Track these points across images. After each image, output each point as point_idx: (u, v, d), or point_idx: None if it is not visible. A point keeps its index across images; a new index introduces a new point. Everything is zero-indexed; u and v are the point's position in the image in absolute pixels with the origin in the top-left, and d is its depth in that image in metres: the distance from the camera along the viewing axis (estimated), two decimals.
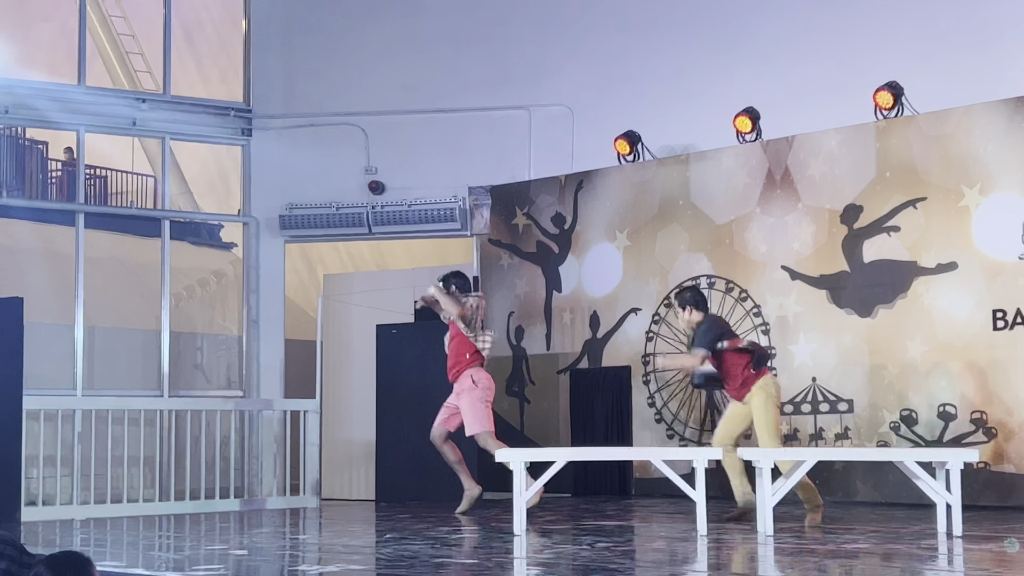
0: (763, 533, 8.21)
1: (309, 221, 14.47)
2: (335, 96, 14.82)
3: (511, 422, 13.38)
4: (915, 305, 10.98)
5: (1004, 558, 7.04)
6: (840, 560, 6.88)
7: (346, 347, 14.55)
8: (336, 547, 8.33)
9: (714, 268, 12.28)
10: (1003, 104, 10.59)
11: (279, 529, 9.75)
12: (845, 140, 11.51)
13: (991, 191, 10.62)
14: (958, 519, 8.09)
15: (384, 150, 14.62)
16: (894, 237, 11.13)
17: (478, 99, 14.36)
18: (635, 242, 12.85)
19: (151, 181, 15.91)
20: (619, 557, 7.25)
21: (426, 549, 7.70)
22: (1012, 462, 10.33)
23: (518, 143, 14.15)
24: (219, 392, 14.76)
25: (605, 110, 13.51)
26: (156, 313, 14.38)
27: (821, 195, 11.61)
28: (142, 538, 9.09)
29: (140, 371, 14.57)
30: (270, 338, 14.70)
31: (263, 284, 14.79)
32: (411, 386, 12.55)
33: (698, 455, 8.63)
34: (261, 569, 7.11)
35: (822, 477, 11.11)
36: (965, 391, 10.60)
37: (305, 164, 14.74)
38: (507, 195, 13.85)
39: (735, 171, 12.20)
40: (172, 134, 14.77)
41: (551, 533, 8.65)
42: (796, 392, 11.63)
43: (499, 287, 13.83)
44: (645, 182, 12.84)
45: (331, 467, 14.20)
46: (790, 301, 11.73)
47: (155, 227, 14.65)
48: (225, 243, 16.07)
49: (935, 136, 10.96)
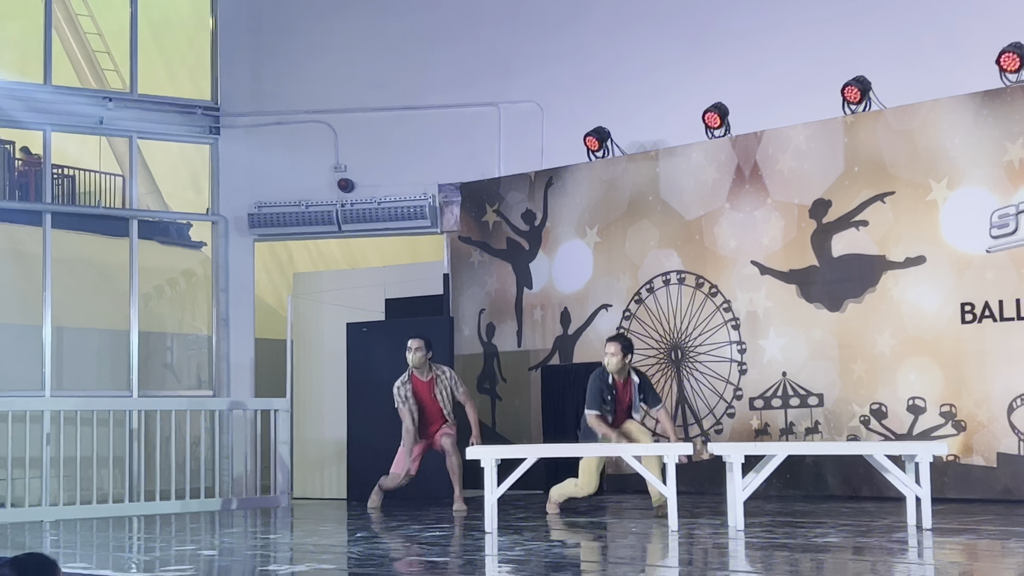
0: (734, 528, 8.23)
1: (278, 219, 14.42)
2: (303, 94, 14.77)
3: (483, 419, 13.36)
4: (884, 299, 11.03)
5: (974, 550, 7.07)
6: (811, 554, 6.89)
7: (316, 346, 14.50)
8: (307, 546, 8.31)
9: (684, 264, 12.30)
10: (970, 98, 10.64)
11: (250, 529, 9.71)
12: (813, 135, 11.54)
13: (958, 185, 10.67)
14: (928, 512, 8.12)
15: (353, 148, 14.58)
16: (863, 231, 11.17)
17: (447, 96, 14.33)
18: (605, 238, 12.86)
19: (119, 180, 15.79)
20: (590, 553, 7.25)
21: (397, 548, 7.68)
22: (981, 455, 10.38)
23: (488, 140, 14.14)
24: (189, 392, 14.69)
25: (575, 107, 13.52)
26: (125, 313, 14.30)
27: (790, 190, 11.64)
28: (112, 539, 9.03)
29: (109, 371, 14.48)
30: (240, 337, 14.64)
31: (232, 283, 14.74)
32: (382, 384, 12.50)
33: (669, 451, 8.64)
34: (232, 569, 7.08)
35: (793, 471, 11.15)
36: (934, 385, 10.64)
37: (274, 162, 14.70)
38: (477, 192, 13.84)
39: (704, 167, 12.22)
40: (140, 133, 14.69)
41: (522, 530, 8.65)
42: (766, 387, 11.67)
43: (469, 284, 13.81)
44: (615, 178, 12.85)
45: (302, 466, 14.16)
46: (760, 296, 11.76)
47: (123, 226, 14.57)
48: (194, 242, 15.98)
49: (903, 130, 11.00)
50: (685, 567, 6.71)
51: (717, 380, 12.02)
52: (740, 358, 11.87)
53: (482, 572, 6.56)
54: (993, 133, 10.46)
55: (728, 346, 11.97)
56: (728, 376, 11.94)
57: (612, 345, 9.93)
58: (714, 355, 12.03)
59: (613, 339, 10.03)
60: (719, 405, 11.97)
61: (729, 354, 11.95)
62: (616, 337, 10.11)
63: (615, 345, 9.92)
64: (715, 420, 11.94)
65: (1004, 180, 10.40)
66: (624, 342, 10.00)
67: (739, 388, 11.86)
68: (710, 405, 12.01)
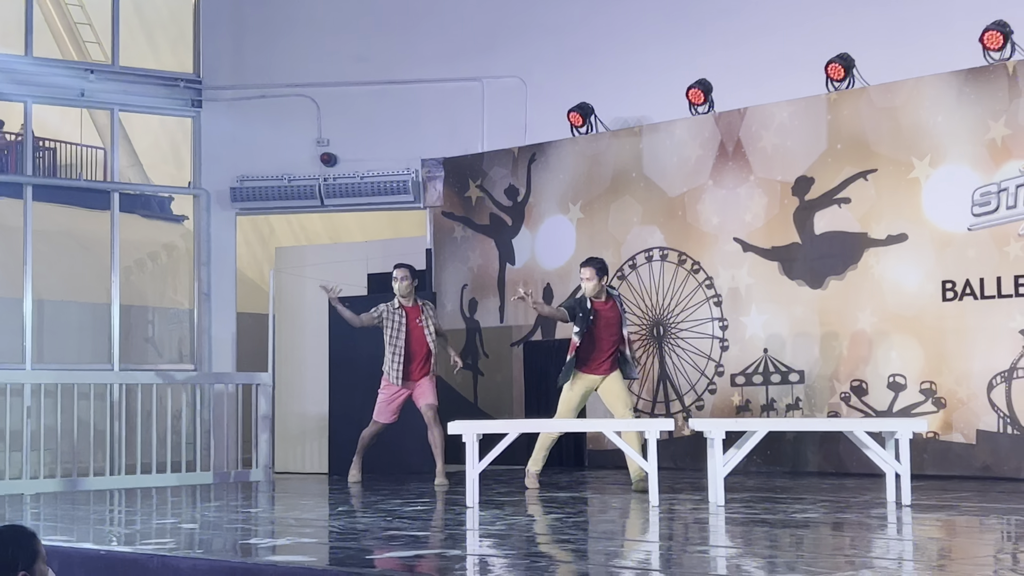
0: (714, 503, 8.26)
1: (261, 193, 14.38)
2: (286, 67, 14.71)
3: (464, 395, 13.39)
4: (865, 276, 11.05)
5: (953, 526, 7.11)
6: (791, 529, 6.92)
7: (299, 320, 14.48)
8: (288, 520, 8.31)
9: (667, 240, 12.30)
10: (953, 76, 10.65)
11: (231, 503, 9.71)
12: (796, 112, 11.54)
13: (941, 163, 10.68)
14: (907, 488, 8.17)
15: (336, 122, 14.53)
16: (845, 209, 11.19)
17: (431, 71, 14.29)
18: (588, 214, 12.86)
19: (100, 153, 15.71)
20: (571, 528, 7.27)
21: (378, 522, 7.69)
22: (961, 432, 10.43)
23: (471, 115, 14.11)
24: (171, 366, 14.66)
25: (558, 82, 13.49)
26: (106, 286, 14.26)
27: (773, 167, 11.65)
28: (92, 513, 9.02)
29: (90, 345, 14.44)
30: (222, 311, 14.61)
31: (214, 257, 14.70)
32: (364, 359, 12.49)
33: (650, 427, 8.66)
34: (212, 542, 7.08)
35: (773, 448, 11.19)
36: (915, 362, 10.68)
37: (256, 136, 14.64)
38: (460, 167, 13.81)
39: (688, 143, 12.21)
40: (121, 105, 14.62)
41: (504, 505, 8.66)
42: (748, 363, 11.70)
43: (452, 259, 13.80)
44: (598, 154, 12.84)
45: (284, 441, 14.15)
46: (742, 273, 11.77)
47: (104, 199, 14.51)
48: (176, 216, 15.92)
49: (886, 108, 11.01)
50: (665, 542, 6.74)
51: (699, 356, 12.04)
52: (722, 335, 11.89)
53: (463, 546, 6.58)
54: (976, 111, 10.48)
55: (710, 323, 11.99)
56: (710, 352, 11.96)
57: (587, 270, 9.87)
58: (696, 332, 12.05)
59: (586, 263, 9.96)
60: (700, 381, 12.00)
61: (711, 331, 11.98)
62: (589, 261, 10.03)
63: (589, 269, 9.87)
64: (696, 396, 11.97)
65: (986, 158, 10.42)
66: (598, 265, 9.94)
67: (720, 364, 11.88)
68: (691, 381, 12.03)
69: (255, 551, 6.57)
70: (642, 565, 5.82)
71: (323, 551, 6.47)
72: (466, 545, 6.64)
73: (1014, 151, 10.27)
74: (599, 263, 9.99)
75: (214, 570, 5.87)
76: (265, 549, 6.61)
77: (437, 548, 6.40)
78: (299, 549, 6.39)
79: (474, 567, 5.80)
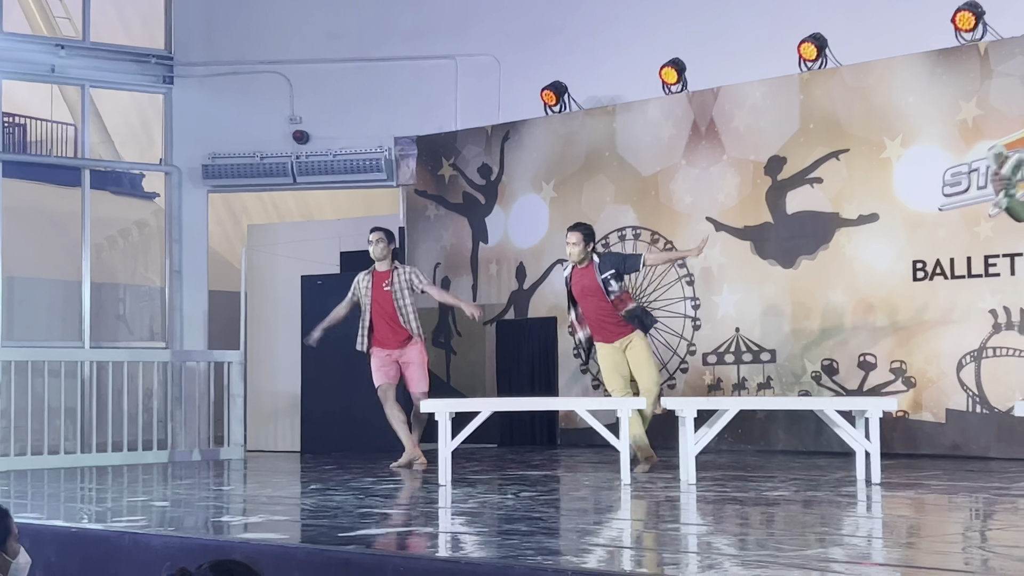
0: (686, 481, 8.29)
1: (232, 171, 14.32)
2: (258, 44, 14.63)
3: (437, 373, 13.37)
4: (837, 256, 11.09)
5: (921, 504, 7.16)
6: (761, 507, 6.96)
7: (271, 298, 14.45)
8: (260, 498, 8.31)
9: (640, 219, 12.32)
10: (925, 56, 10.69)
11: (203, 481, 9.70)
12: (769, 92, 11.56)
13: (912, 143, 10.73)
14: (877, 466, 8.21)
15: (309, 99, 14.47)
16: (817, 188, 11.22)
17: (404, 48, 14.23)
18: (561, 193, 12.86)
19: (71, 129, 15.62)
20: (543, 506, 7.29)
21: (350, 499, 7.69)
22: (930, 411, 10.50)
23: (444, 93, 14.07)
24: (142, 343, 14.61)
25: (532, 61, 13.46)
26: (77, 263, 14.18)
27: (745, 147, 11.67)
28: (63, 490, 9.00)
29: (60, 322, 14.37)
30: (193, 289, 14.56)
31: (186, 234, 14.63)
32: (337, 337, 12.46)
33: (622, 405, 8.68)
34: (184, 520, 7.07)
35: (744, 426, 11.24)
36: (885, 341, 10.74)
37: (228, 113, 14.57)
38: (433, 145, 13.78)
39: (661, 122, 12.22)
40: (92, 81, 14.51)
41: (476, 483, 8.68)
42: (720, 342, 11.74)
43: (425, 238, 13.78)
44: (571, 133, 12.83)
45: (256, 419, 14.13)
46: (714, 252, 11.80)
47: (75, 176, 14.42)
48: (147, 193, 15.84)
49: (858, 88, 11.04)
50: (637, 520, 6.76)
51: (671, 335, 12.07)
52: (694, 314, 11.93)
53: (436, 524, 6.59)
54: (947, 92, 10.52)
55: (682, 302, 12.02)
56: (682, 332, 12.00)
57: (573, 235, 9.47)
58: (668, 311, 12.08)
59: (573, 228, 9.58)
60: (672, 360, 12.03)
61: (683, 310, 12.01)
62: (577, 226, 9.64)
63: (576, 234, 9.46)
64: (668, 375, 12.00)
65: (957, 139, 10.47)
66: (586, 230, 9.56)
67: (692, 343, 11.92)
68: (663, 360, 12.06)
69: (227, 528, 6.57)
70: (614, 542, 5.85)
71: (295, 529, 6.47)
72: (439, 523, 6.65)
73: (985, 132, 10.32)
74: (586, 228, 9.58)
75: (186, 548, 5.86)
76: (237, 527, 6.61)
77: (410, 526, 6.41)
78: (271, 527, 6.39)
79: (446, 544, 5.81)
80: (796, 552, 5.10)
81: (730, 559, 5.06)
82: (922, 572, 4.78)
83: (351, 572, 5.24)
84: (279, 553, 5.56)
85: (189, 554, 5.66)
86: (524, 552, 5.16)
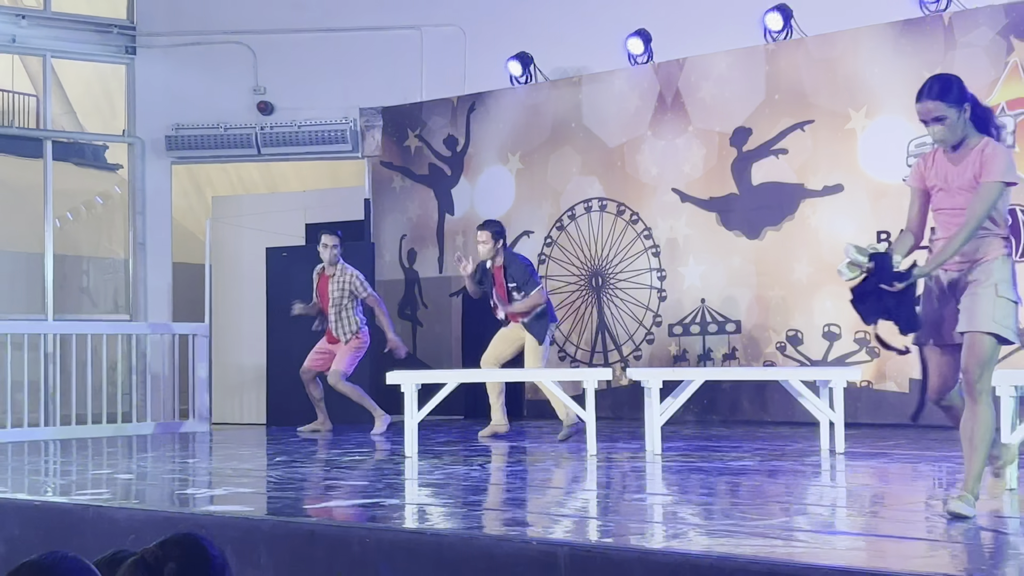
0: (651, 452, 8.32)
1: (196, 142, 14.21)
2: (222, 14, 14.50)
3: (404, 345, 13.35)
4: (802, 227, 11.13)
5: (885, 473, 7.21)
6: (726, 477, 6.99)
7: (235, 270, 14.38)
8: (225, 470, 8.28)
9: (605, 191, 12.31)
10: (889, 27, 10.71)
11: (167, 453, 9.66)
12: (735, 62, 11.56)
13: (877, 114, 10.76)
14: (841, 436, 8.27)
15: (273, 70, 14.36)
16: (782, 160, 11.25)
17: (369, 18, 14.14)
18: (527, 165, 12.84)
19: (32, 100, 15.46)
20: (509, 477, 7.30)
21: (316, 472, 7.68)
22: (894, 381, 10.57)
23: (410, 64, 14.00)
24: (106, 316, 14.52)
25: (497, 31, 13.40)
26: (39, 236, 14.06)
27: (711, 118, 11.67)
28: (27, 463, 8.94)
29: (24, 295, 14.26)
30: (157, 261, 14.46)
31: (149, 206, 14.52)
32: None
33: (588, 376, 8.69)
34: (149, 493, 7.04)
35: (710, 397, 11.29)
36: (849, 312, 10.70)
37: (192, 84, 14.44)
38: (399, 116, 13.73)
39: (627, 93, 12.21)
40: (53, 52, 14.36)
41: (442, 455, 8.69)
42: (685, 313, 11.77)
43: (391, 210, 13.74)
44: (537, 104, 12.80)
45: (221, 391, 14.09)
46: (680, 224, 11.82)
47: (37, 147, 14.28)
48: (110, 164, 15.71)
49: (823, 59, 11.05)
50: (603, 490, 6.78)
51: (637, 307, 12.10)
52: (660, 285, 11.95)
53: (402, 496, 6.59)
54: (912, 63, 10.54)
55: (648, 273, 12.04)
56: (648, 303, 12.02)
57: (483, 233, 9.94)
58: (634, 282, 12.10)
59: (483, 226, 10.02)
60: (638, 331, 12.06)
61: (649, 281, 12.03)
62: (486, 224, 10.09)
63: (485, 233, 9.93)
64: (634, 346, 12.03)
65: None
66: (494, 228, 9.98)
67: (658, 315, 11.95)
68: (629, 331, 12.09)
69: (192, 501, 6.55)
70: (580, 512, 5.86)
71: (261, 501, 6.46)
72: (404, 494, 6.65)
73: None
74: (495, 226, 10.02)
75: (150, 520, 5.84)
76: (202, 499, 6.59)
77: (376, 497, 6.41)
78: (236, 499, 6.38)
79: (413, 516, 5.82)
80: (761, 521, 5.13)
81: (695, 529, 5.09)
82: (885, 540, 4.81)
83: (316, 544, 5.23)
84: (244, 526, 5.55)
85: (154, 527, 5.64)
86: (489, 523, 5.17)
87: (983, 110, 5.39)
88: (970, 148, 5.29)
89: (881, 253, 5.20)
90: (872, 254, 5.16)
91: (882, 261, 5.15)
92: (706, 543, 4.66)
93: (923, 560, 4.34)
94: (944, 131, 5.30)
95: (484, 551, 4.74)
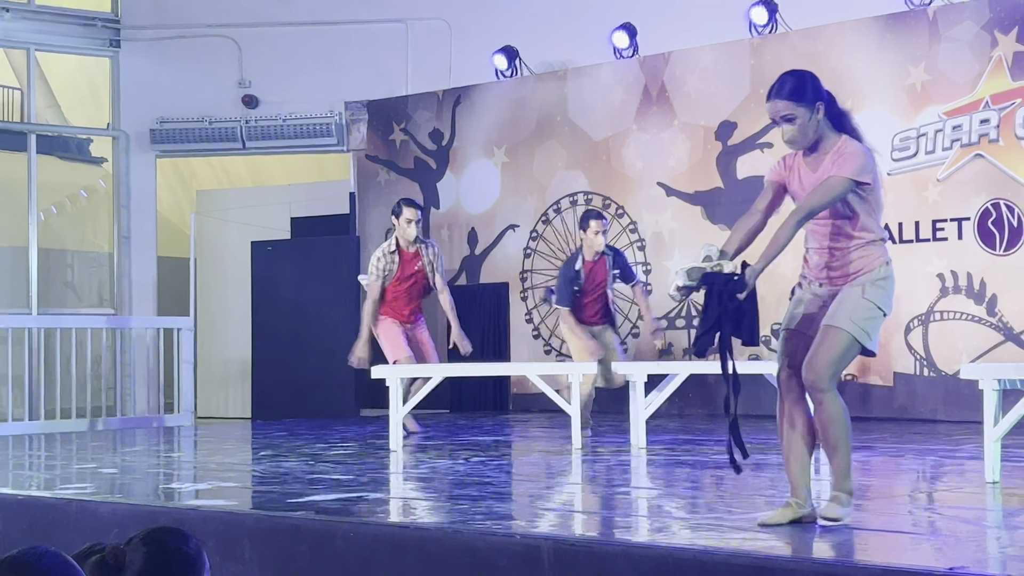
0: (636, 445, 8.32)
1: (181, 136, 14.18)
2: (206, 7, 14.46)
3: None
4: None
5: (870, 466, 7.23)
6: (711, 471, 7.00)
7: (221, 264, 14.36)
8: (210, 465, 8.27)
9: (591, 185, 12.31)
10: (874, 21, 10.72)
11: (152, 448, 9.64)
12: (720, 56, 11.56)
13: (861, 108, 10.74)
14: None
15: (258, 63, 14.33)
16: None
17: (354, 11, 14.12)
18: (513, 158, 12.83)
19: (16, 93, 15.40)
20: (494, 471, 7.30)
21: (301, 466, 7.68)
22: (878, 374, 10.59)
23: (395, 57, 13.98)
24: (91, 310, 14.48)
25: (483, 24, 13.39)
26: (24, 230, 14.01)
27: (696, 112, 11.68)
28: (11, 458, 8.92)
29: (8, 289, 14.22)
30: (142, 255, 14.43)
31: (134, 200, 14.48)
32: (287, 303, 12.45)
33: (573, 370, 8.69)
34: (133, 487, 7.03)
35: (695, 391, 11.29)
36: None
37: (176, 77, 14.40)
38: (384, 110, 13.70)
39: (612, 87, 12.20)
40: (37, 45, 14.31)
41: (427, 449, 8.68)
42: (671, 307, 11.77)
43: (376, 204, 13.71)
44: (523, 98, 12.79)
45: (206, 385, 14.07)
46: (665, 218, 11.82)
47: (21, 141, 14.23)
48: (95, 158, 15.67)
49: (808, 53, 11.05)
50: (588, 484, 6.79)
51: (622, 300, 12.08)
52: (645, 279, 11.95)
53: (387, 490, 6.59)
54: (896, 57, 10.56)
55: (634, 266, 12.02)
56: (633, 297, 12.00)
57: (598, 223, 9.14)
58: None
59: (598, 215, 9.25)
60: (624, 325, 12.06)
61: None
62: (600, 213, 9.42)
63: (600, 223, 9.16)
64: (620, 340, 12.01)
65: (906, 103, 10.52)
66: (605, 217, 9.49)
67: None
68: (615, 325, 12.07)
69: (177, 495, 6.54)
70: (565, 506, 5.87)
71: (246, 495, 6.45)
72: (389, 488, 6.65)
73: (933, 97, 10.37)
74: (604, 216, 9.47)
75: (134, 514, 5.83)
76: (187, 493, 6.58)
77: (360, 491, 6.40)
78: (221, 493, 6.37)
79: (398, 510, 5.81)
80: (745, 515, 5.14)
81: (679, 522, 5.09)
82: (870, 533, 4.82)
83: (301, 538, 5.22)
84: (229, 520, 5.54)
85: (138, 521, 5.63)
86: (474, 517, 5.17)
87: (839, 110, 5.07)
88: (826, 151, 5.01)
89: (711, 272, 4.98)
90: (704, 275, 4.96)
91: (713, 280, 4.93)
92: (690, 537, 4.66)
93: (907, 553, 4.35)
94: (794, 131, 5.01)
95: (468, 545, 4.74)
